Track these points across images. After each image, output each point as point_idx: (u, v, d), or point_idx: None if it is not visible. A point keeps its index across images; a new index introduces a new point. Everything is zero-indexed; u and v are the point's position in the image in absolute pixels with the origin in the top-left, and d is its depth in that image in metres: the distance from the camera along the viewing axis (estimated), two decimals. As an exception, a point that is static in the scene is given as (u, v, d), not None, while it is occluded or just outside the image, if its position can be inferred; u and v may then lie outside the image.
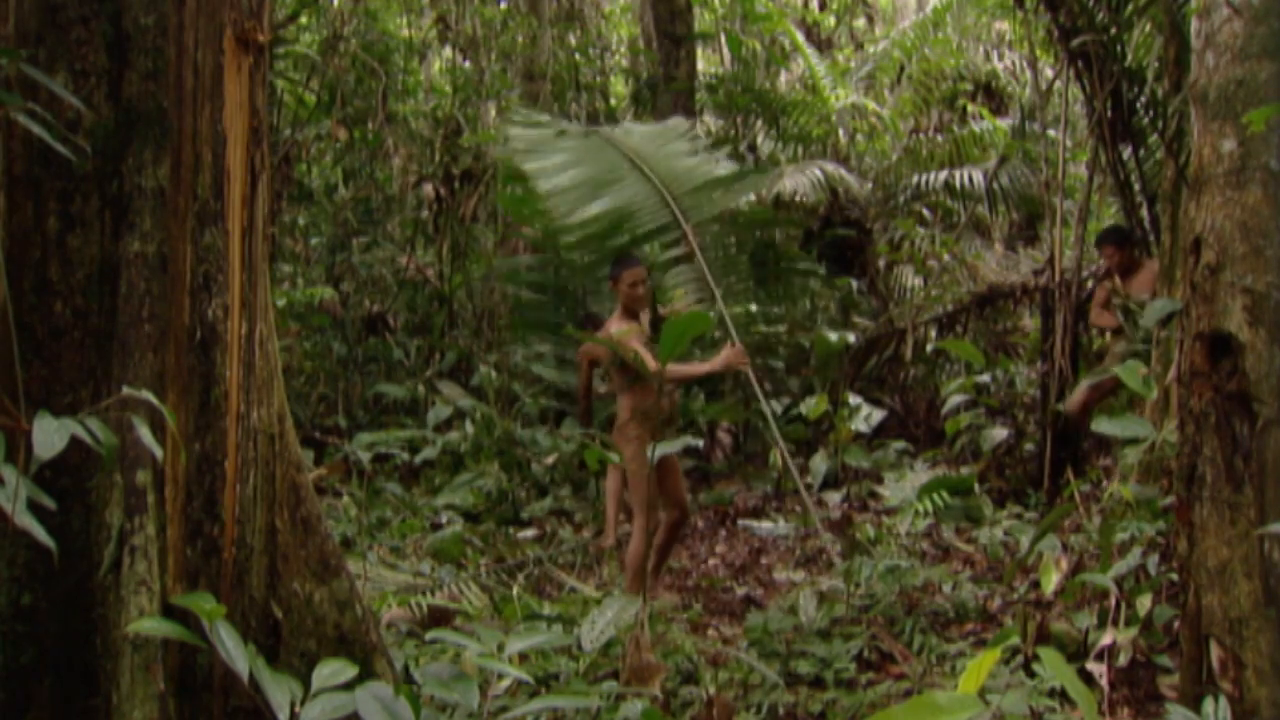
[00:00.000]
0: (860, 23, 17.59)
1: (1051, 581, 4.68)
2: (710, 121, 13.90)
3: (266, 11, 3.00)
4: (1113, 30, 6.54)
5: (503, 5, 12.36)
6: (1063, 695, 3.69)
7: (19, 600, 2.51)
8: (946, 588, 5.35)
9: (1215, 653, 3.12)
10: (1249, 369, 3.12)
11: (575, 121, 11.11)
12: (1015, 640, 3.98)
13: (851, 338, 9.91)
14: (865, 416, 8.57)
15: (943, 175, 12.01)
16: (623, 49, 15.17)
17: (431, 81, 13.11)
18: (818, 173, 11.75)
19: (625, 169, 8.06)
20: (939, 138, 12.88)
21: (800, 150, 13.24)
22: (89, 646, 2.49)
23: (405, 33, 12.18)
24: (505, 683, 3.77)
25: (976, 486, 7.26)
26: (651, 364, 5.05)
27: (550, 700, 3.11)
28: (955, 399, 7.89)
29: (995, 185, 11.52)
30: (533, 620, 5.02)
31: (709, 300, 6.62)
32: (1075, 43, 6.62)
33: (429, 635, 3.30)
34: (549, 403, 9.81)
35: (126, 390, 2.44)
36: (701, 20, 14.32)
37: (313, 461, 8.16)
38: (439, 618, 5.00)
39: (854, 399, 8.74)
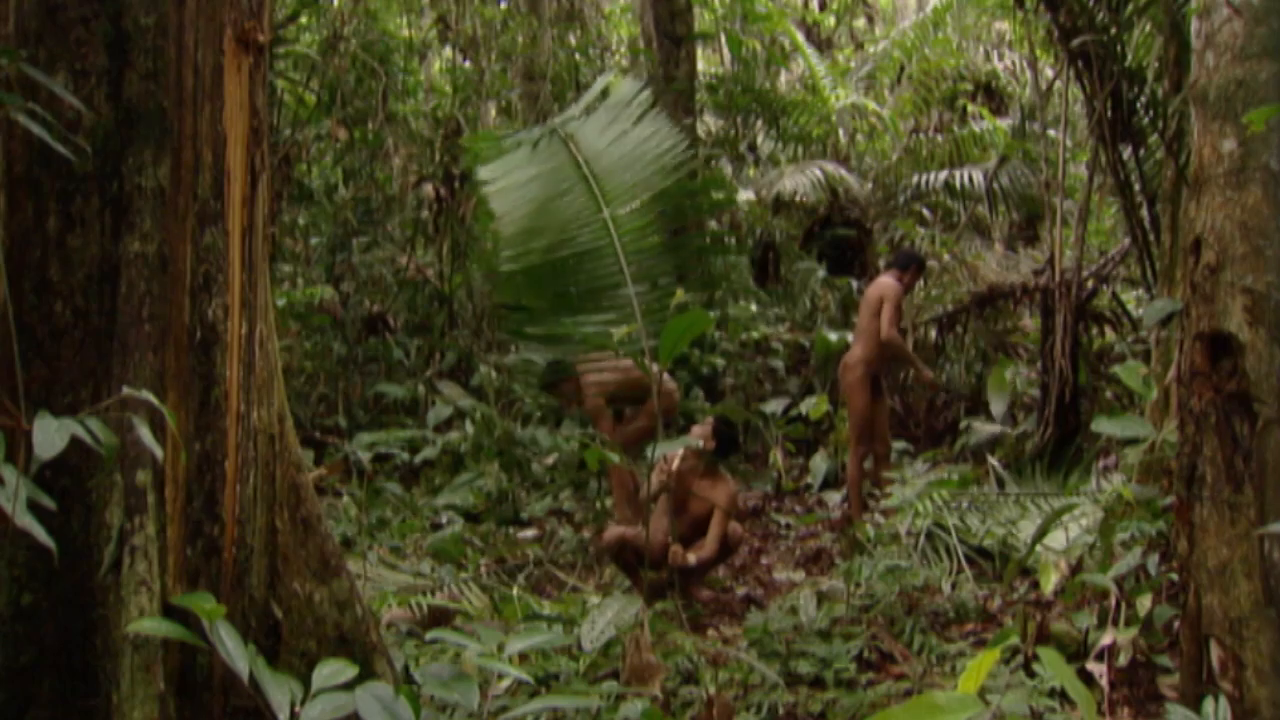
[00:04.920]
0: (860, 23, 17.59)
1: (1051, 581, 4.68)
2: (710, 121, 13.89)
3: (266, 11, 3.00)
4: (1113, 30, 6.53)
5: (503, 5, 12.35)
6: (1063, 695, 3.69)
7: (19, 600, 2.51)
8: (946, 588, 5.35)
9: (1215, 653, 3.12)
10: (1249, 369, 3.12)
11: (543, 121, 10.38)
12: (1015, 640, 3.97)
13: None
14: (865, 416, 8.54)
15: (943, 175, 12.01)
16: (623, 49, 15.15)
17: (431, 81, 13.10)
18: (818, 173, 11.76)
19: (574, 176, 6.78)
20: (939, 138, 12.89)
21: (800, 150, 13.24)
22: (89, 646, 2.49)
23: (405, 33, 12.18)
24: (505, 683, 3.76)
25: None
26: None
27: (550, 700, 3.11)
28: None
29: (995, 185, 11.53)
30: (533, 620, 5.02)
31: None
32: (1075, 43, 6.61)
33: (429, 635, 3.30)
34: (549, 402, 9.80)
35: (126, 390, 2.43)
36: (701, 20, 14.30)
37: (313, 461, 8.15)
38: (439, 618, 4.99)
39: (854, 399, 8.73)
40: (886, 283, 7.37)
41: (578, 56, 12.79)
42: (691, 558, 5.60)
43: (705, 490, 5.83)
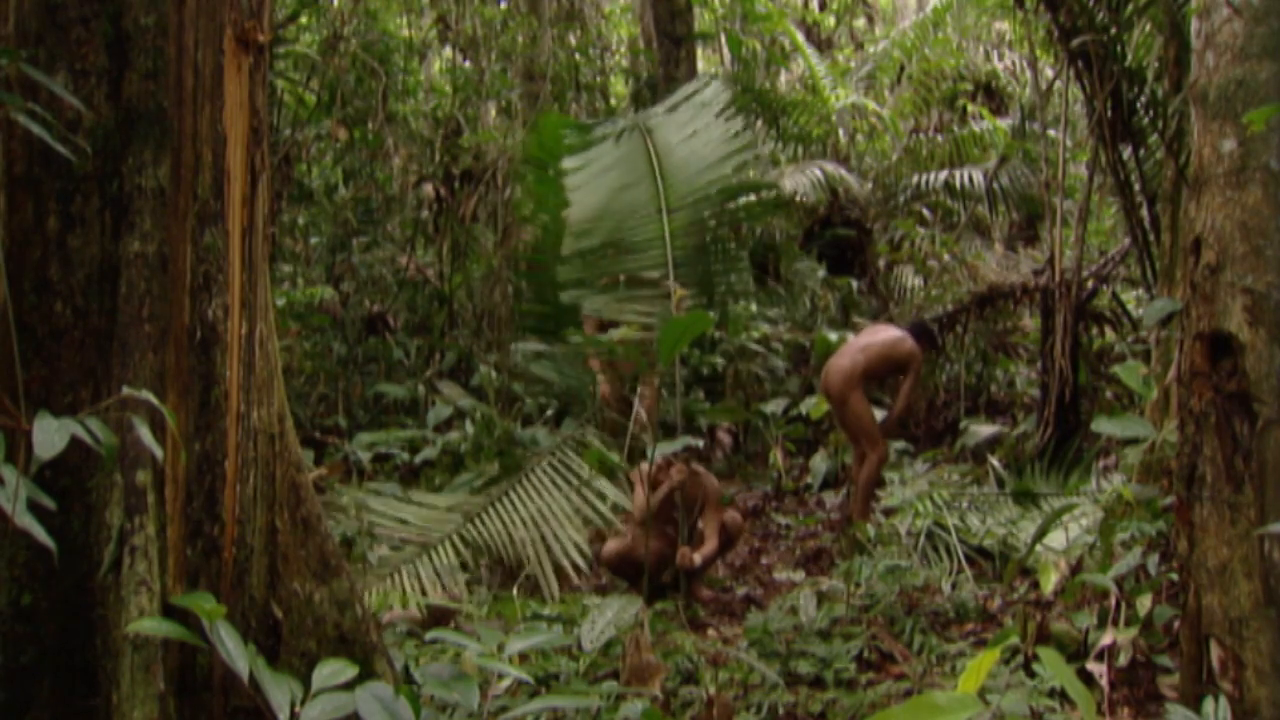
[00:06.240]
0: (860, 23, 17.60)
1: (1051, 581, 4.69)
2: (710, 121, 13.88)
3: (266, 11, 3.00)
4: (1113, 30, 6.53)
5: (503, 5, 12.35)
6: (1063, 695, 3.69)
7: (19, 600, 2.51)
8: (946, 588, 5.35)
9: (1215, 653, 3.12)
10: (1249, 369, 3.13)
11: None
12: (1015, 640, 3.97)
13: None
14: (865, 416, 8.54)
15: (943, 175, 12.01)
16: (623, 49, 15.17)
17: (431, 81, 13.11)
18: (818, 173, 11.76)
19: (644, 168, 7.21)
20: (939, 138, 12.88)
21: (800, 150, 13.24)
22: (89, 646, 2.49)
23: (405, 33, 12.18)
24: (505, 683, 3.77)
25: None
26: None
27: (550, 700, 3.11)
28: None
29: (995, 185, 11.53)
30: (533, 620, 5.02)
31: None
32: (1075, 43, 6.61)
33: (429, 635, 3.30)
34: (549, 402, 9.79)
35: (126, 390, 2.43)
36: (701, 20, 14.33)
37: (313, 461, 8.15)
38: (439, 618, 5.00)
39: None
40: (914, 347, 7.27)
41: (578, 56, 12.78)
42: (697, 557, 5.61)
43: (690, 488, 5.84)
